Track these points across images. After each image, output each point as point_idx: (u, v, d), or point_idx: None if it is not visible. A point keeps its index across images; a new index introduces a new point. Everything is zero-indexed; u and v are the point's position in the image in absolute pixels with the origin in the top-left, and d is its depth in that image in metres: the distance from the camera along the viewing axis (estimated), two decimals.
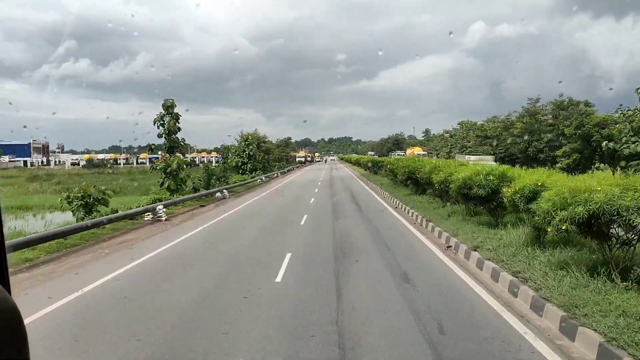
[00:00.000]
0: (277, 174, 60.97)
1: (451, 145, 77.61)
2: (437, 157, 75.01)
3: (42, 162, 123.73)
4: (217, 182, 32.52)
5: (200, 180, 32.13)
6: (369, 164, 60.62)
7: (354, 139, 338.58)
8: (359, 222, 17.78)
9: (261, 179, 46.67)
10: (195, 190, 28.01)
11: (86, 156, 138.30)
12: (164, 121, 29.83)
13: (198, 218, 20.67)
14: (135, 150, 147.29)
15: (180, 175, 26.77)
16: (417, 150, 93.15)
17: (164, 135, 29.76)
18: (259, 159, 55.00)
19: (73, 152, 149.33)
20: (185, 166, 29.33)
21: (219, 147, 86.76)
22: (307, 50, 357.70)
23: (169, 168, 25.54)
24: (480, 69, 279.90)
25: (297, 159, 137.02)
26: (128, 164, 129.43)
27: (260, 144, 58.56)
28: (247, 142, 53.91)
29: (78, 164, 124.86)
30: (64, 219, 21.05)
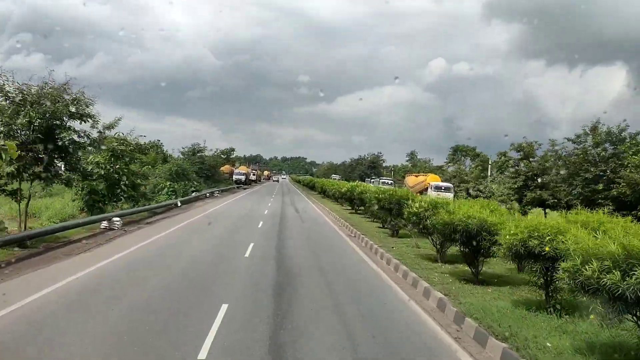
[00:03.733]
0: (110, 222, 19.54)
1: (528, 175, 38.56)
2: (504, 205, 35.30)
3: None
4: None
5: None
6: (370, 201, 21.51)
7: (308, 160, 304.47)
8: None
9: None
10: None
11: None
12: None
13: None
14: None
15: None
16: (433, 180, 54.05)
17: None
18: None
19: None
20: None
21: None
22: (270, 69, 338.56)
23: None
24: (436, 104, 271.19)
25: (235, 177, 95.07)
26: None
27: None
28: None
29: None
30: None
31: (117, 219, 19.92)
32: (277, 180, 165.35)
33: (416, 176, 60.91)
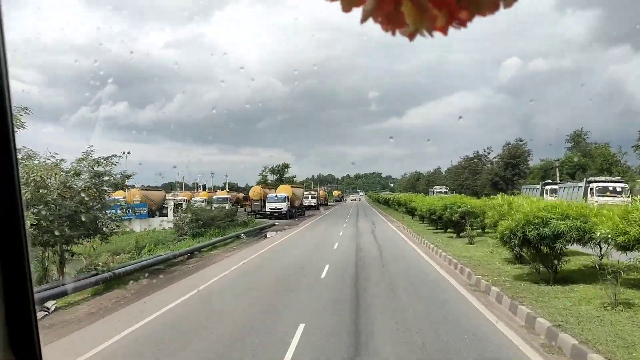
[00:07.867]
0: None
1: None
2: None
3: None
4: None
5: None
6: None
7: (383, 175, 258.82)
8: None
9: None
10: None
11: None
12: None
13: None
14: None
15: None
16: None
17: None
18: None
19: None
20: None
21: None
22: (337, 90, 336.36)
23: None
24: (512, 105, 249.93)
25: (269, 207, 50.50)
26: None
27: None
28: None
29: None
30: None
31: None
32: (356, 199, 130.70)
33: None
